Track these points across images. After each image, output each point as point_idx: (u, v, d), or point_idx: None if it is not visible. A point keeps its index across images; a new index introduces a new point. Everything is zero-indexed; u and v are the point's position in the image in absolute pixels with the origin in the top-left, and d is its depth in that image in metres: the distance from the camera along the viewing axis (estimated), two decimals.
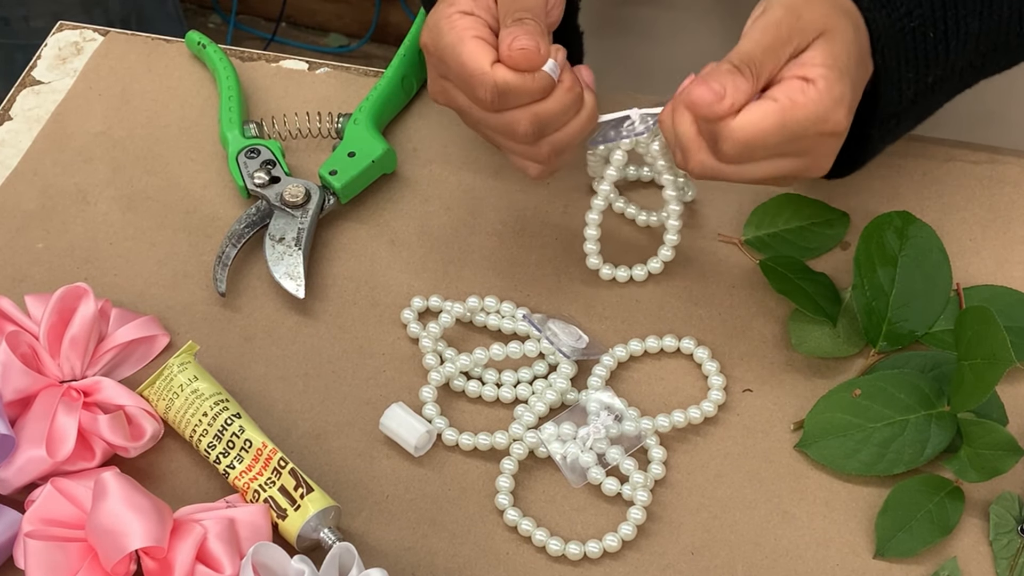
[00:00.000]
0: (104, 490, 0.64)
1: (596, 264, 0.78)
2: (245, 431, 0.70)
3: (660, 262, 0.78)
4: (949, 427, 0.70)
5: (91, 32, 0.95)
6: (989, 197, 0.83)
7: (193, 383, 0.71)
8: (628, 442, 0.71)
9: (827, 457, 0.71)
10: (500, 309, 0.78)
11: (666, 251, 0.78)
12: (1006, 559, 0.67)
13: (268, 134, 0.87)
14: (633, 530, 0.69)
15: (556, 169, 0.73)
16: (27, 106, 0.91)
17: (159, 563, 0.64)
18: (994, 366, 0.66)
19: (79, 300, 0.73)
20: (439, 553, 0.69)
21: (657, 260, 0.78)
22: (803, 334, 0.75)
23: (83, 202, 0.84)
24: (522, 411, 0.73)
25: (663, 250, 0.78)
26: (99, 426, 0.68)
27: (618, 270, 0.79)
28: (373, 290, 0.80)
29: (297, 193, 0.81)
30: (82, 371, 0.72)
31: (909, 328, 0.75)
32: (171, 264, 0.81)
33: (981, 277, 0.78)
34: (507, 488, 0.70)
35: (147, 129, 0.89)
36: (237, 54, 0.93)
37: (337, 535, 0.67)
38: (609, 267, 0.79)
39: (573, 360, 0.74)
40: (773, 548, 0.69)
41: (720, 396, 0.74)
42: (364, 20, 2.21)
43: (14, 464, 0.68)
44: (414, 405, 0.73)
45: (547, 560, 0.68)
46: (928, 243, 0.77)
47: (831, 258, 0.80)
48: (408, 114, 0.89)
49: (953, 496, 0.69)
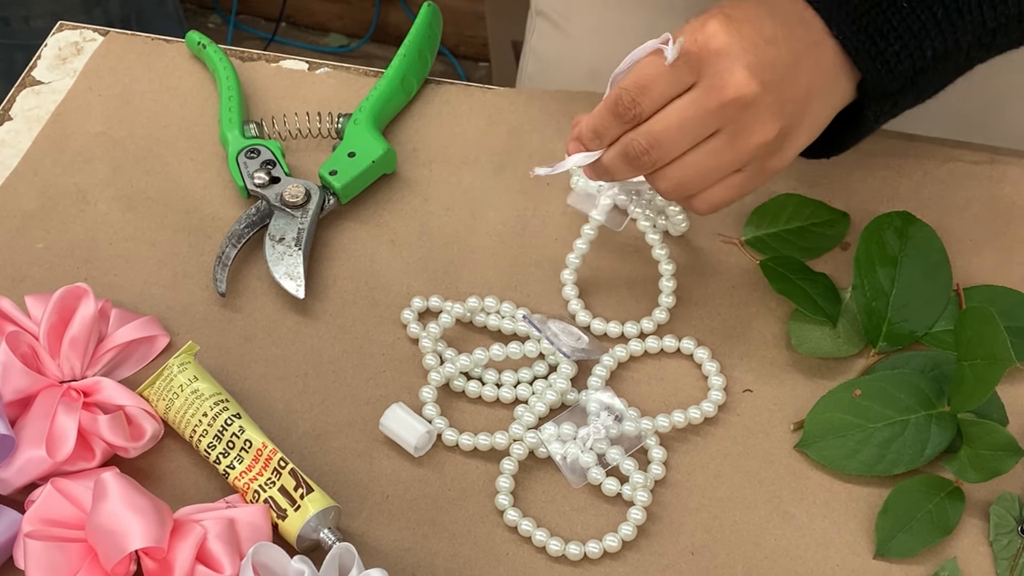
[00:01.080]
0: (104, 490, 0.64)
1: (575, 309, 0.78)
2: (245, 431, 0.70)
3: (664, 311, 0.78)
4: (949, 427, 0.70)
5: (91, 32, 0.95)
6: (989, 197, 0.83)
7: (193, 383, 0.71)
8: (628, 442, 0.71)
9: (827, 457, 0.71)
10: (500, 309, 0.78)
11: (666, 297, 0.78)
12: (1006, 559, 0.67)
13: (268, 134, 0.87)
14: (633, 530, 0.69)
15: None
16: (27, 106, 0.91)
17: (159, 563, 0.64)
18: (994, 366, 0.66)
19: (79, 300, 0.73)
20: (439, 553, 0.69)
21: (660, 310, 0.78)
22: (803, 334, 0.75)
23: (83, 202, 0.84)
24: (522, 411, 0.73)
25: (663, 297, 0.78)
26: (99, 426, 0.68)
27: (609, 325, 0.77)
28: (373, 290, 0.80)
29: (297, 193, 0.81)
30: (82, 371, 0.72)
31: (909, 328, 0.75)
32: (171, 264, 0.81)
33: (981, 277, 0.78)
34: (507, 488, 0.70)
35: (147, 129, 0.89)
36: (237, 54, 0.93)
37: (337, 535, 0.67)
38: (587, 315, 0.78)
39: (573, 360, 0.74)
40: (773, 548, 0.69)
41: (720, 396, 0.74)
42: (364, 20, 2.21)
43: (14, 464, 0.68)
44: (414, 405, 0.73)
45: (547, 560, 0.68)
46: (928, 243, 0.77)
47: (831, 258, 0.80)
48: (408, 114, 0.89)
49: (953, 496, 0.69)
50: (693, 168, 0.68)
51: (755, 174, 0.69)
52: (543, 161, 0.86)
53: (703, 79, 0.66)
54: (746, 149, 0.67)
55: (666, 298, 0.78)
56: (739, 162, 0.68)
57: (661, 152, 0.67)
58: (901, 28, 0.69)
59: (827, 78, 0.69)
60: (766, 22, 0.67)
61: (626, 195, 0.78)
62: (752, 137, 0.67)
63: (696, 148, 0.67)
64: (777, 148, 0.68)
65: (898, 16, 0.69)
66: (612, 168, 0.69)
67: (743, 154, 0.67)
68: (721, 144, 0.67)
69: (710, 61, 0.65)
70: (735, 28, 0.65)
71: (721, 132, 0.67)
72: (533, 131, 0.88)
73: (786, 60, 0.67)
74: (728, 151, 0.67)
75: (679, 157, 0.67)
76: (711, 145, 0.67)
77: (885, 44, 0.69)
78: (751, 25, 0.66)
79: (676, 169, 0.68)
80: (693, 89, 0.66)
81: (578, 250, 0.79)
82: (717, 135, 0.67)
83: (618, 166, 0.69)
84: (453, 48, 2.13)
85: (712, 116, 0.66)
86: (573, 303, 0.78)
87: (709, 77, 0.65)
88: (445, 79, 0.92)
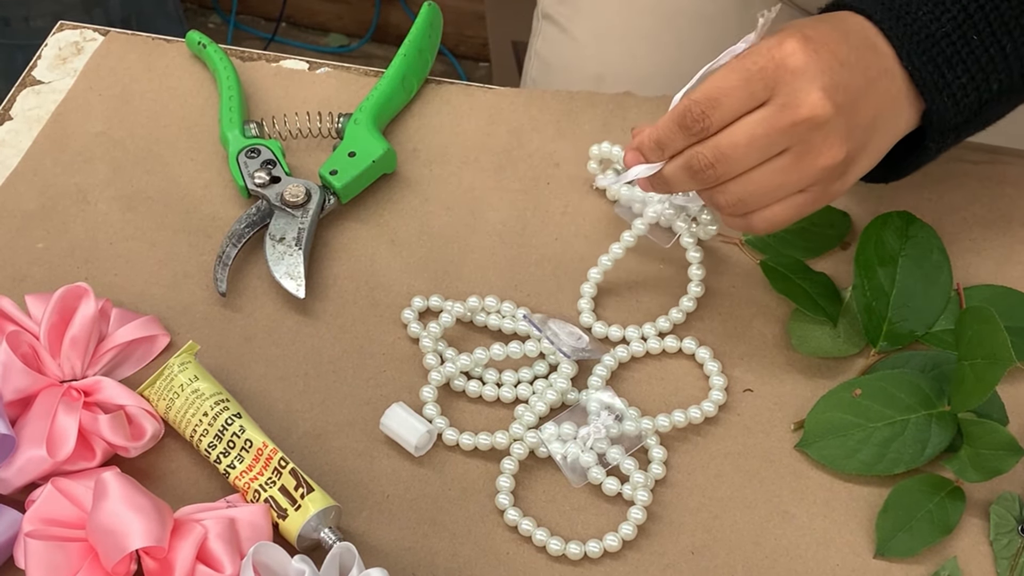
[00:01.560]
0: (104, 490, 0.64)
1: (588, 321, 0.78)
2: (245, 431, 0.70)
3: (681, 312, 0.78)
4: (949, 427, 0.70)
5: (91, 32, 0.95)
6: (989, 197, 0.83)
7: (193, 383, 0.71)
8: (628, 442, 0.71)
9: (827, 457, 0.71)
10: (500, 309, 0.78)
11: (688, 301, 0.78)
12: (1006, 559, 0.67)
13: (268, 134, 0.87)
14: (633, 530, 0.69)
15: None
16: (27, 106, 0.91)
17: (159, 563, 0.64)
18: (994, 366, 0.66)
19: (79, 300, 0.73)
20: (439, 553, 0.69)
21: (678, 310, 0.78)
22: (803, 334, 0.75)
23: (83, 202, 0.84)
24: (522, 411, 0.73)
25: (684, 300, 0.78)
26: (99, 426, 0.68)
27: (611, 328, 0.77)
28: (373, 290, 0.80)
29: (297, 193, 0.81)
30: (82, 371, 0.72)
31: (909, 328, 0.75)
32: (171, 264, 0.81)
33: (981, 277, 0.78)
34: (507, 488, 0.70)
35: (147, 129, 0.89)
36: (237, 54, 0.93)
37: (337, 535, 0.67)
38: (602, 325, 0.78)
39: (573, 360, 0.74)
40: (773, 548, 0.69)
41: (720, 396, 0.74)
42: (364, 20, 2.21)
43: (14, 464, 0.68)
44: (414, 405, 0.73)
45: (547, 560, 0.68)
46: (928, 243, 0.77)
47: (831, 258, 0.80)
48: (408, 114, 0.89)
49: (953, 496, 0.69)
50: (755, 185, 0.67)
51: (818, 196, 0.69)
52: (542, 161, 0.86)
53: (776, 96, 0.65)
54: (812, 170, 0.67)
55: (688, 302, 0.78)
56: (803, 183, 0.67)
57: (726, 167, 0.66)
58: (970, 61, 0.69)
59: (894, 106, 0.69)
60: (841, 46, 0.66)
61: (674, 210, 0.77)
62: (819, 159, 0.66)
63: (761, 166, 0.67)
64: (842, 172, 0.68)
65: (967, 48, 0.69)
66: (673, 180, 0.69)
67: (809, 175, 0.67)
68: (788, 163, 0.66)
69: (785, 79, 0.65)
70: (812, 49, 0.65)
71: (789, 151, 0.66)
72: (533, 131, 0.88)
73: (858, 84, 0.66)
74: (794, 171, 0.66)
75: (743, 173, 0.67)
76: (777, 164, 0.66)
77: (953, 76, 0.69)
78: (828, 48, 0.66)
79: (738, 185, 0.67)
80: (765, 106, 0.65)
81: (613, 254, 0.78)
82: (784, 154, 0.66)
83: (680, 178, 0.68)
84: (453, 48, 2.13)
85: (782, 135, 0.65)
86: (584, 301, 0.78)
87: (783, 95, 0.65)
88: (445, 79, 0.92)
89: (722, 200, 0.68)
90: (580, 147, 0.86)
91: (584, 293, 0.78)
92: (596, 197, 0.84)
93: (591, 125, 0.88)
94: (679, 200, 0.77)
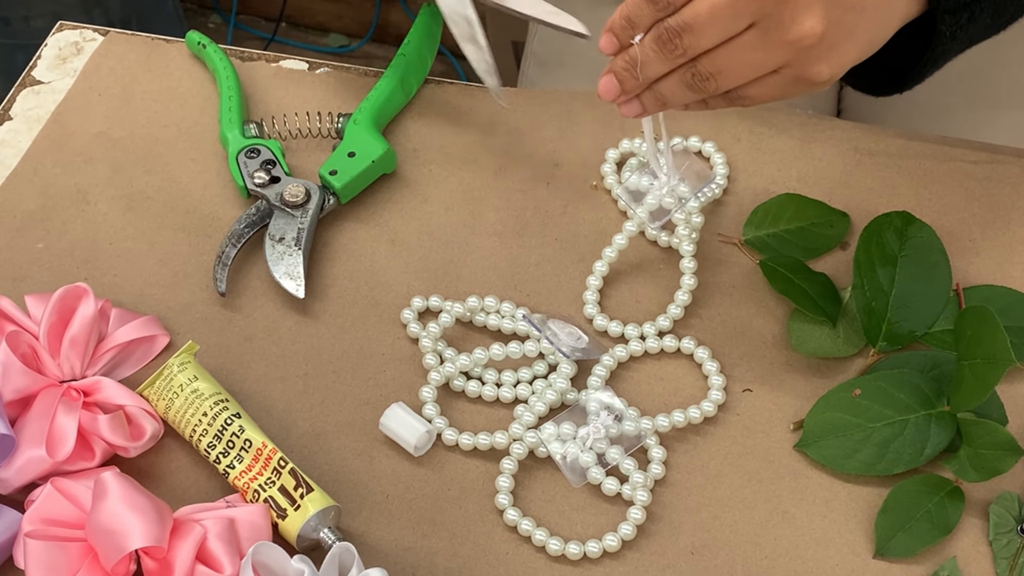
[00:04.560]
0: (104, 490, 0.64)
1: (591, 313, 0.78)
2: (245, 431, 0.70)
3: (679, 307, 0.78)
4: (949, 427, 0.70)
5: (91, 32, 0.95)
6: (989, 197, 0.83)
7: (193, 383, 0.71)
8: (628, 442, 0.71)
9: (827, 457, 0.71)
10: (500, 309, 0.78)
11: (683, 295, 0.78)
12: (1006, 559, 0.67)
13: (268, 134, 0.87)
14: (633, 530, 0.69)
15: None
16: (27, 106, 0.91)
17: (159, 563, 0.64)
18: (994, 366, 0.66)
19: (79, 300, 0.73)
20: (439, 553, 0.69)
21: (675, 306, 0.78)
22: (803, 334, 0.75)
23: (83, 202, 0.84)
24: (522, 411, 0.73)
25: (679, 294, 0.78)
26: (99, 426, 0.68)
27: (611, 323, 0.77)
28: (373, 290, 0.80)
29: (297, 193, 0.81)
30: (82, 371, 0.73)
31: (909, 328, 0.75)
32: (171, 264, 0.81)
33: (981, 277, 0.78)
34: (507, 488, 0.70)
35: (147, 129, 0.89)
36: (237, 54, 0.93)
37: (337, 535, 0.67)
38: (603, 318, 0.78)
39: (573, 360, 0.74)
40: (773, 548, 0.69)
41: (720, 396, 0.74)
42: (364, 20, 2.21)
43: (14, 464, 0.68)
44: (414, 405, 0.73)
45: (547, 560, 0.68)
46: (928, 243, 0.77)
47: (831, 258, 0.80)
48: (408, 114, 0.89)
49: (953, 496, 0.69)
50: (724, 60, 0.65)
51: (796, 77, 0.66)
52: (542, 161, 0.86)
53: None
54: (780, 46, 0.64)
55: (683, 295, 0.78)
56: (774, 60, 0.65)
57: (692, 39, 0.64)
58: None
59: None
60: None
61: (674, 200, 0.77)
62: (786, 34, 0.63)
63: (730, 41, 0.64)
64: (821, 55, 0.65)
65: None
66: (644, 59, 0.66)
67: (778, 52, 0.64)
68: (754, 38, 0.64)
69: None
70: None
71: (756, 26, 0.64)
72: (533, 131, 0.88)
73: None
74: (761, 47, 0.64)
75: (713, 49, 0.65)
76: (745, 39, 0.64)
77: None
78: None
79: (709, 60, 0.65)
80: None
81: (617, 244, 0.79)
82: (752, 28, 0.64)
83: (651, 57, 0.66)
84: (453, 48, 2.13)
85: (747, 5, 0.63)
86: (589, 293, 0.78)
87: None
88: (445, 79, 0.92)
89: (696, 79, 0.66)
90: (580, 147, 0.86)
91: (589, 285, 0.78)
92: (596, 197, 0.84)
93: (591, 125, 0.88)
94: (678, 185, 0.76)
